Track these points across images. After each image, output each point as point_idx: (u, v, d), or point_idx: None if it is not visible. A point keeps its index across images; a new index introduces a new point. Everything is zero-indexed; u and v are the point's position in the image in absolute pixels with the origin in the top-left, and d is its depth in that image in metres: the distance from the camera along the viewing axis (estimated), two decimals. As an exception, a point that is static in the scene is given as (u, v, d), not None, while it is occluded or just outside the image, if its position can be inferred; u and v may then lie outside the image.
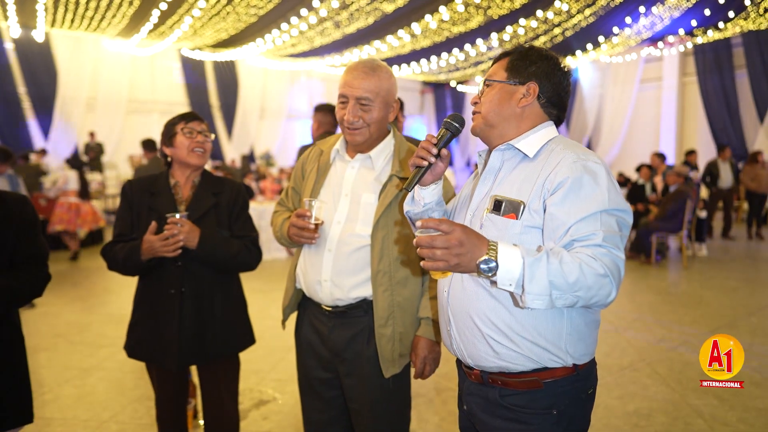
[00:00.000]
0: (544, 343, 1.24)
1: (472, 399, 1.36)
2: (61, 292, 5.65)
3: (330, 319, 1.77)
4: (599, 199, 1.16)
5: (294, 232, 1.72)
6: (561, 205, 1.17)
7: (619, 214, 1.17)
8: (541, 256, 1.06)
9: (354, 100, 1.68)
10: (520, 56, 1.37)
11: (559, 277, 1.05)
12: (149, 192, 2.01)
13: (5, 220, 1.65)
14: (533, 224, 1.22)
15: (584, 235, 1.13)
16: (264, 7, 9.44)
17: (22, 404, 1.70)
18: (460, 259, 1.05)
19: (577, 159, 1.21)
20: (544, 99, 1.35)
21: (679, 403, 3.10)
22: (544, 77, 1.35)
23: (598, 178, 1.18)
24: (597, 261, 1.08)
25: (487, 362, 1.29)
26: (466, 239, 1.05)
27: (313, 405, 1.86)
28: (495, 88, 1.36)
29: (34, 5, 9.02)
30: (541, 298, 1.06)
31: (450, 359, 1.51)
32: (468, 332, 1.31)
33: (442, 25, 10.46)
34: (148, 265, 1.91)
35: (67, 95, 11.80)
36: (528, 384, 1.26)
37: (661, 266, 7.08)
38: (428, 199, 1.43)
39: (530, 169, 1.28)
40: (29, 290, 1.69)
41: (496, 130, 1.36)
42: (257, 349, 4.15)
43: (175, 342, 1.92)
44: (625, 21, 10.84)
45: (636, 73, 13.72)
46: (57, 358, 3.87)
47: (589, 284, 1.07)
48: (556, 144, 1.30)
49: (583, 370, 1.28)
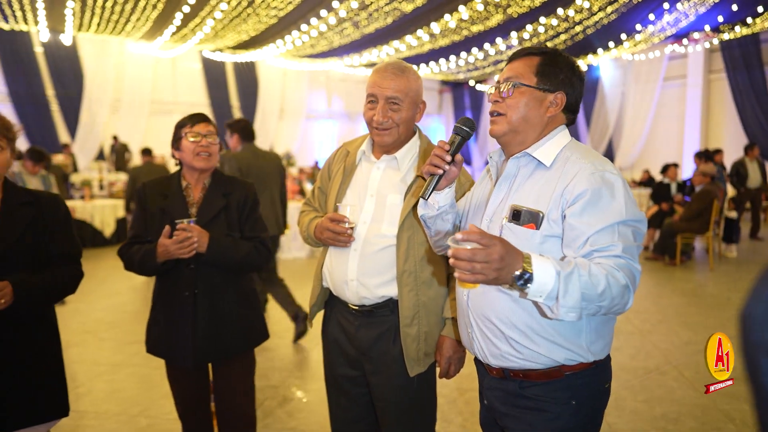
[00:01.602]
0: (564, 342, 1.27)
1: (492, 393, 1.40)
2: (88, 289, 5.79)
3: (357, 318, 1.79)
4: (617, 210, 1.19)
5: (329, 236, 1.74)
6: (580, 216, 1.20)
7: (634, 224, 1.21)
8: (573, 269, 1.08)
9: (384, 100, 1.69)
10: (550, 61, 1.35)
11: (589, 288, 1.08)
12: (162, 194, 2.05)
13: (40, 219, 1.71)
14: (552, 233, 1.24)
15: (603, 246, 1.16)
16: (284, 8, 9.53)
17: (59, 398, 1.76)
18: (499, 273, 1.04)
19: (594, 170, 1.23)
20: (565, 107, 1.36)
21: (709, 408, 3.04)
22: (569, 86, 1.35)
23: (615, 189, 1.22)
24: (619, 272, 1.12)
25: (508, 362, 1.32)
26: (506, 254, 1.04)
27: (340, 402, 1.89)
28: (525, 93, 1.33)
29: (62, 10, 9.25)
30: (574, 311, 1.08)
31: (471, 360, 1.53)
32: (489, 333, 1.34)
33: (461, 24, 10.41)
34: (163, 268, 1.96)
35: (93, 97, 12.07)
36: (548, 375, 1.29)
37: (687, 268, 6.95)
38: (442, 202, 1.44)
39: (547, 178, 1.29)
40: (63, 287, 1.74)
41: (519, 137, 1.35)
42: (280, 347, 4.19)
43: (190, 341, 1.97)
44: (648, 18, 10.64)
45: (659, 70, 13.46)
46: (87, 354, 3.97)
47: (613, 294, 1.10)
48: (571, 151, 1.31)
49: (600, 364, 1.32)
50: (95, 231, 8.21)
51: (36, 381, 1.69)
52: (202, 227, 1.94)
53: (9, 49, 10.91)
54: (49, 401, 1.73)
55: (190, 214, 2.02)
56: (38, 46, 11.22)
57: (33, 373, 1.68)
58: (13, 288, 1.56)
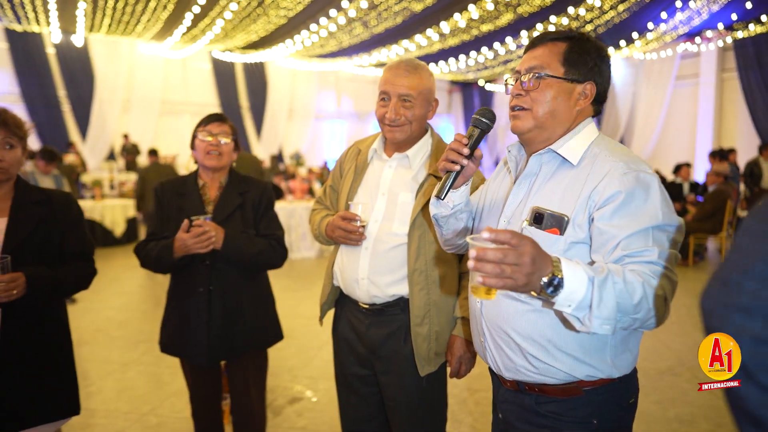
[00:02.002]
0: (586, 356, 1.15)
1: (507, 407, 1.29)
2: (99, 288, 5.83)
3: (367, 316, 1.78)
4: (651, 213, 1.08)
5: (341, 234, 1.74)
6: (610, 219, 1.08)
7: (670, 230, 1.09)
8: (607, 275, 0.96)
9: (396, 98, 1.69)
10: (578, 47, 1.20)
11: (625, 298, 0.96)
12: (179, 193, 2.06)
13: (51, 218, 1.71)
14: (578, 239, 1.13)
15: (637, 251, 1.05)
16: (293, 8, 9.55)
17: (71, 396, 1.77)
18: (529, 278, 0.91)
19: (627, 170, 1.11)
20: (594, 98, 1.23)
21: (723, 409, 2.99)
22: (598, 74, 1.22)
23: (650, 190, 1.10)
24: (656, 280, 1.01)
25: (523, 376, 1.22)
26: (537, 255, 0.91)
27: (350, 401, 1.88)
28: (551, 85, 1.19)
29: (74, 11, 9.35)
30: (609, 323, 0.96)
31: (482, 360, 1.50)
32: (504, 345, 1.23)
33: (471, 23, 10.38)
34: (180, 264, 1.96)
35: (104, 97, 12.18)
36: (567, 391, 1.18)
37: (700, 268, 6.86)
38: (457, 201, 1.32)
39: (572, 178, 1.17)
40: (75, 283, 1.75)
41: (545, 133, 1.22)
42: (289, 346, 4.19)
43: (203, 338, 1.97)
44: (660, 16, 10.54)
45: (671, 69, 13.32)
46: (98, 352, 4.00)
47: (650, 306, 0.99)
48: (599, 147, 1.19)
49: (625, 378, 1.20)
50: (106, 231, 8.27)
51: (48, 380, 1.69)
52: (217, 224, 1.95)
53: (22, 50, 11.05)
54: (61, 400, 1.73)
55: (207, 211, 2.03)
56: (50, 48, 11.35)
57: (44, 371, 1.69)
58: (27, 279, 1.57)
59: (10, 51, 10.96)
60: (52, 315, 1.75)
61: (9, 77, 11.06)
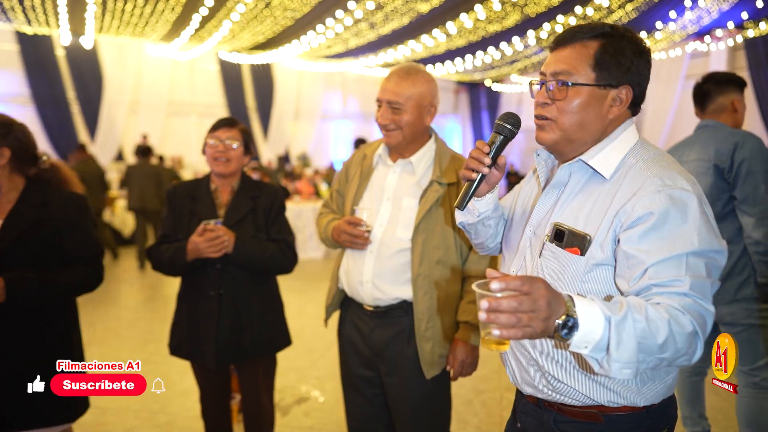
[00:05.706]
0: (608, 380, 1.05)
1: (527, 419, 1.23)
2: (108, 288, 5.90)
3: (371, 318, 1.81)
4: (687, 238, 0.95)
5: (347, 238, 1.77)
6: (638, 243, 0.97)
7: (710, 255, 0.96)
8: (626, 313, 0.87)
9: (386, 104, 1.74)
10: (612, 49, 1.06)
11: (647, 338, 0.87)
12: (191, 197, 2.09)
13: (47, 219, 1.68)
14: (600, 261, 1.03)
15: (666, 281, 0.94)
16: (300, 9, 9.59)
17: (76, 399, 1.75)
18: (546, 323, 0.83)
19: (662, 186, 0.99)
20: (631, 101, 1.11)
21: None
22: (635, 74, 1.08)
23: (687, 210, 0.97)
24: (685, 315, 0.90)
25: (542, 393, 1.16)
26: (552, 297, 0.84)
27: (356, 402, 1.90)
28: (580, 93, 1.07)
29: (83, 13, 9.44)
30: (630, 366, 0.87)
31: (487, 362, 1.51)
32: (524, 360, 1.18)
33: (477, 23, 10.36)
34: (192, 266, 1.98)
35: (113, 99, 12.29)
36: (587, 415, 1.09)
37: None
38: (483, 209, 1.25)
39: (601, 193, 1.06)
40: (63, 287, 1.69)
41: (573, 144, 1.11)
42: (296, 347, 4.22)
43: (213, 341, 1.99)
44: (669, 16, 10.47)
45: (681, 69, 13.24)
46: (108, 352, 4.05)
47: (678, 346, 0.89)
48: (636, 158, 1.06)
49: (655, 409, 1.08)
50: (114, 231, 8.35)
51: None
52: (228, 228, 1.97)
53: (32, 52, 11.17)
54: (71, 398, 1.75)
55: (218, 215, 2.05)
56: (60, 50, 11.47)
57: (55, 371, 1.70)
58: (6, 284, 1.54)
59: (20, 53, 11.09)
60: (62, 315, 1.75)
61: (20, 79, 11.18)
